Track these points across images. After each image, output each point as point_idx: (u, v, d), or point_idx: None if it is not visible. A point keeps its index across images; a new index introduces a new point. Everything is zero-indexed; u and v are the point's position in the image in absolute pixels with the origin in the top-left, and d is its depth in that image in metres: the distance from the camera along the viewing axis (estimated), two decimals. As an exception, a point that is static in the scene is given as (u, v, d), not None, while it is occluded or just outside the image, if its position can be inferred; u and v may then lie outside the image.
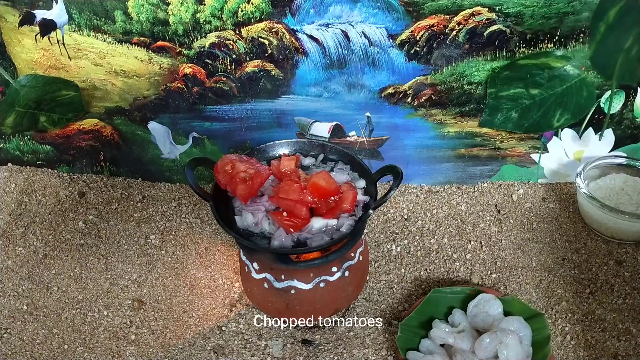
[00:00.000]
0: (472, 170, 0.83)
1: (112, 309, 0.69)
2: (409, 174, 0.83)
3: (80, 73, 0.76)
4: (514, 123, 0.76)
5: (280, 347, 0.64)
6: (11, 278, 0.72)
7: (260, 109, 0.77)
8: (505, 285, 0.70)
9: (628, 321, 0.64)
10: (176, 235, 0.78)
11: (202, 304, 0.69)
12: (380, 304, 0.69)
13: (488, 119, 0.76)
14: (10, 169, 0.87)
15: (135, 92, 0.77)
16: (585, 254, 0.73)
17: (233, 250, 0.76)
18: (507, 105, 0.75)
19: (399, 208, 0.81)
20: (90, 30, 0.71)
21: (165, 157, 0.84)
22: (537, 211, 0.80)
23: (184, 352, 0.64)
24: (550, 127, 0.76)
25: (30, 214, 0.81)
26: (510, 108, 0.75)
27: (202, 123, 0.79)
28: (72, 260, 0.75)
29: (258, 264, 0.62)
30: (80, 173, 0.87)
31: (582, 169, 0.76)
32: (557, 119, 0.75)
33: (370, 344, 0.63)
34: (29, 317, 0.68)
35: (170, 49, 0.72)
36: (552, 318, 0.65)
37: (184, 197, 0.84)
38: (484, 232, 0.77)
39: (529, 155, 0.81)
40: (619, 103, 0.75)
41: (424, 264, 0.73)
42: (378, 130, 0.79)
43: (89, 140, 0.83)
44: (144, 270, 0.73)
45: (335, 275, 0.61)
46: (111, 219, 0.81)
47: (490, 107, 0.75)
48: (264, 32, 0.70)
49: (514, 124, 0.77)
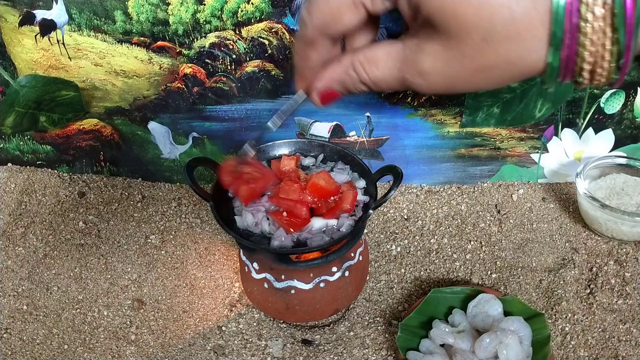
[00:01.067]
0: (472, 170, 0.83)
1: (112, 309, 0.69)
2: (409, 174, 0.83)
3: (80, 73, 0.76)
4: (496, 119, 0.76)
5: (280, 347, 0.64)
6: (11, 278, 0.72)
7: (260, 109, 0.77)
8: (505, 285, 0.70)
9: (628, 321, 0.64)
10: (176, 235, 0.78)
11: (202, 304, 0.69)
12: (380, 304, 0.69)
13: (469, 119, 0.76)
14: (10, 169, 0.87)
15: (135, 92, 0.77)
16: (585, 254, 0.73)
17: (233, 250, 0.76)
18: (488, 102, 0.75)
19: (399, 208, 0.81)
20: (90, 30, 0.71)
21: (165, 157, 0.84)
22: (537, 211, 0.80)
23: (184, 352, 0.64)
24: (532, 118, 0.76)
25: (30, 214, 0.81)
26: (491, 104, 0.75)
27: (202, 123, 0.79)
28: (72, 260, 0.75)
29: (258, 264, 0.62)
30: (80, 173, 0.87)
31: (582, 169, 0.76)
32: (538, 109, 0.75)
33: (370, 344, 0.63)
34: (29, 317, 0.68)
35: (170, 49, 0.72)
36: (552, 318, 0.65)
37: (184, 197, 0.84)
38: (484, 232, 0.77)
39: (529, 155, 0.81)
40: (619, 103, 0.75)
41: (424, 264, 0.73)
42: (378, 130, 0.79)
43: (89, 140, 0.83)
44: (144, 270, 0.73)
45: (335, 275, 0.61)
46: (111, 219, 0.81)
47: (470, 107, 0.75)
48: (264, 32, 0.70)
49: (496, 120, 0.77)
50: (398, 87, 0.40)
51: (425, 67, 0.37)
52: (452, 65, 0.36)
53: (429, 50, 0.36)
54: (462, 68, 0.35)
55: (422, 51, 0.37)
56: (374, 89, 0.41)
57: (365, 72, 0.40)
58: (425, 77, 0.37)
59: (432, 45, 0.36)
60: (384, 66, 0.39)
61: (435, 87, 0.38)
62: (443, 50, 0.36)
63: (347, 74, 0.41)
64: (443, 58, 0.36)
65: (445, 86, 0.38)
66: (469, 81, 0.37)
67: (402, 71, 0.38)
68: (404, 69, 0.38)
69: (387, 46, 0.39)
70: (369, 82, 0.41)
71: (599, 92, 0.74)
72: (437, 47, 0.36)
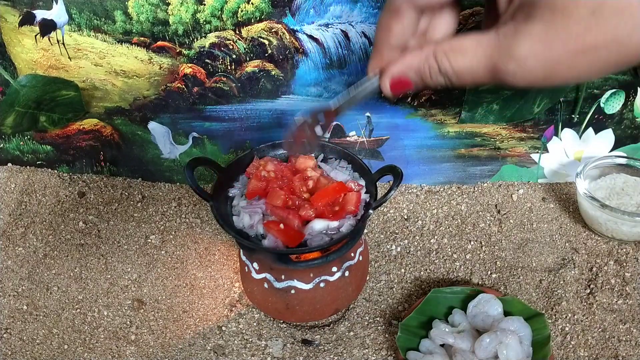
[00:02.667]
0: (472, 170, 0.83)
1: (112, 309, 0.69)
2: (409, 174, 0.83)
3: (80, 73, 0.76)
4: (495, 115, 0.76)
5: (280, 347, 0.64)
6: (11, 278, 0.72)
7: (260, 109, 0.77)
8: (505, 285, 0.70)
9: (628, 321, 0.64)
10: (176, 235, 0.78)
11: (202, 304, 0.69)
12: (380, 304, 0.69)
13: (468, 115, 0.76)
14: (10, 169, 0.87)
15: (135, 92, 0.77)
16: (585, 254, 0.73)
17: (233, 250, 0.76)
18: (488, 98, 0.75)
19: (399, 208, 0.81)
20: (90, 30, 0.71)
21: (165, 157, 0.84)
22: (537, 211, 0.80)
23: (184, 352, 0.64)
24: (531, 113, 0.76)
25: (30, 214, 0.81)
26: (491, 101, 0.75)
27: (202, 123, 0.79)
28: (72, 260, 0.75)
29: (258, 264, 0.62)
30: (80, 173, 0.87)
31: (582, 169, 0.76)
32: (537, 104, 0.75)
33: (370, 344, 0.63)
34: (29, 317, 0.68)
35: (170, 49, 0.72)
36: (552, 318, 0.65)
37: (184, 197, 0.84)
38: (484, 232, 0.77)
39: (529, 155, 0.81)
40: (619, 103, 0.75)
41: (424, 264, 0.73)
42: (378, 130, 0.79)
43: (89, 140, 0.83)
44: (144, 270, 0.73)
45: (335, 275, 0.61)
46: (111, 219, 0.81)
47: (470, 103, 0.75)
48: (264, 32, 0.70)
49: (495, 116, 0.77)
50: (485, 80, 0.37)
51: (523, 51, 0.34)
52: (554, 47, 0.33)
53: (529, 31, 0.33)
54: (566, 49, 0.32)
55: (520, 33, 0.34)
56: (454, 82, 0.38)
57: (448, 61, 0.37)
58: (522, 63, 0.34)
59: (532, 25, 0.33)
60: (472, 55, 0.36)
61: (531, 75, 0.35)
62: (545, 30, 0.33)
63: (427, 62, 0.38)
64: (544, 39, 0.33)
65: (544, 74, 0.34)
66: (571, 66, 0.33)
67: (494, 58, 0.35)
68: (496, 56, 0.35)
69: (477, 35, 0.36)
70: (451, 72, 0.38)
71: (599, 91, 0.74)
72: (538, 26, 0.33)
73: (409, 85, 0.41)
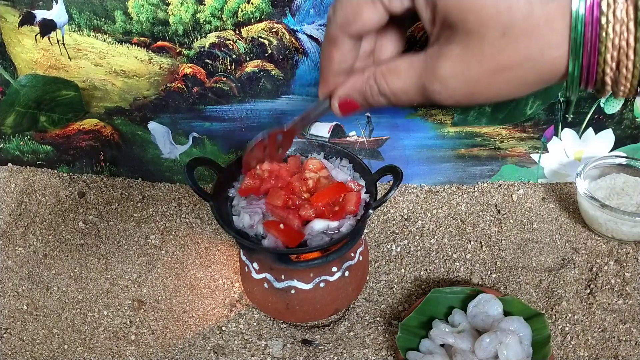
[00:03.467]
0: (472, 170, 0.83)
1: (112, 309, 0.69)
2: (409, 174, 0.83)
3: (80, 73, 0.76)
4: (487, 117, 0.76)
5: (280, 347, 0.64)
6: (11, 278, 0.72)
7: (260, 109, 0.77)
8: (505, 285, 0.70)
9: (628, 321, 0.64)
10: (176, 235, 0.78)
11: (202, 304, 0.69)
12: (380, 304, 0.69)
13: (461, 117, 0.76)
14: (10, 169, 0.87)
15: (135, 92, 0.77)
16: (585, 254, 0.73)
17: (233, 250, 0.76)
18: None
19: (399, 208, 0.81)
20: (90, 30, 0.71)
21: (165, 157, 0.84)
22: (537, 211, 0.80)
23: (184, 352, 0.64)
24: (523, 115, 0.76)
25: (30, 214, 0.81)
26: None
27: (202, 123, 0.79)
28: (72, 260, 0.75)
29: (258, 264, 0.62)
30: (80, 173, 0.87)
31: (582, 169, 0.76)
32: (529, 106, 0.75)
33: (370, 344, 0.63)
34: (29, 317, 0.68)
35: (170, 49, 0.72)
36: (552, 318, 0.65)
37: (184, 197, 0.84)
38: (484, 232, 0.77)
39: (529, 155, 0.81)
40: (619, 103, 0.75)
41: (424, 264, 0.73)
42: (378, 130, 0.79)
43: (89, 140, 0.83)
44: (144, 270, 0.73)
45: (335, 275, 0.61)
46: (111, 219, 0.81)
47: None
48: (264, 32, 0.70)
49: (488, 118, 0.77)
50: (418, 99, 0.39)
51: (446, 72, 0.36)
52: (471, 67, 0.35)
53: (449, 53, 0.35)
54: (482, 69, 0.34)
55: (442, 55, 0.36)
56: (393, 102, 0.40)
57: (385, 82, 0.40)
58: (445, 83, 0.36)
59: (452, 47, 0.35)
60: (405, 76, 0.39)
61: (454, 94, 0.37)
62: (462, 52, 0.35)
63: (368, 84, 0.41)
64: (463, 60, 0.35)
65: (466, 93, 0.36)
66: (489, 85, 0.35)
67: (422, 78, 0.37)
68: (424, 77, 0.37)
69: (410, 57, 0.39)
70: (389, 93, 0.40)
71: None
72: (456, 49, 0.35)
73: (356, 105, 0.43)
